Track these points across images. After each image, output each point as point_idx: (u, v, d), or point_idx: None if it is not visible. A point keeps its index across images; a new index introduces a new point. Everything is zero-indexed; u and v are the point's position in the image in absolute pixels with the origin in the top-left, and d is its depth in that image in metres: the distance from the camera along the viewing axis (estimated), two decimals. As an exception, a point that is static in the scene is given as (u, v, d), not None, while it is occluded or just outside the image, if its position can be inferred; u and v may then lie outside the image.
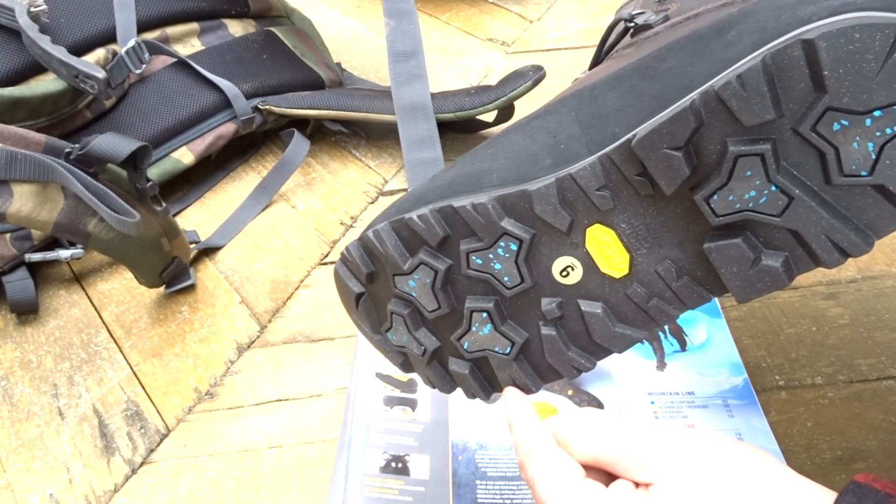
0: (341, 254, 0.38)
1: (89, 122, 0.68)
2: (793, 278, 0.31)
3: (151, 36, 0.72)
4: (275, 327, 0.60)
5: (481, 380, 0.38)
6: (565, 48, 0.91)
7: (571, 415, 0.33)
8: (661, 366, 0.54)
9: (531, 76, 0.70)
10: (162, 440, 0.53)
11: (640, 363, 0.54)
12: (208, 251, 0.67)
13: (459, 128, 0.77)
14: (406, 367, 0.39)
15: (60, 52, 0.60)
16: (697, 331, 0.56)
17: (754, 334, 0.56)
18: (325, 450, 0.51)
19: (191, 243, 0.65)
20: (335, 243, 0.67)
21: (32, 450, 0.53)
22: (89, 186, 0.50)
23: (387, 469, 0.48)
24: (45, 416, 0.55)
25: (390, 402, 0.52)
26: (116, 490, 0.50)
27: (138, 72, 0.69)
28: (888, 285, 0.58)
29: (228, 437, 0.53)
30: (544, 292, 0.34)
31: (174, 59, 0.73)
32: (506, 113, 0.75)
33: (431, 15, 0.99)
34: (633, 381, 0.53)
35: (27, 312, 0.62)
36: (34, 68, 0.64)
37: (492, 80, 0.85)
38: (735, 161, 0.29)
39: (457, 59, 0.91)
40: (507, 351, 0.36)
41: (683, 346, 0.55)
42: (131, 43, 0.68)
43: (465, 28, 0.96)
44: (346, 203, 0.71)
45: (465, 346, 0.36)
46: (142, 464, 0.52)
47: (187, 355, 0.58)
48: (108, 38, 0.70)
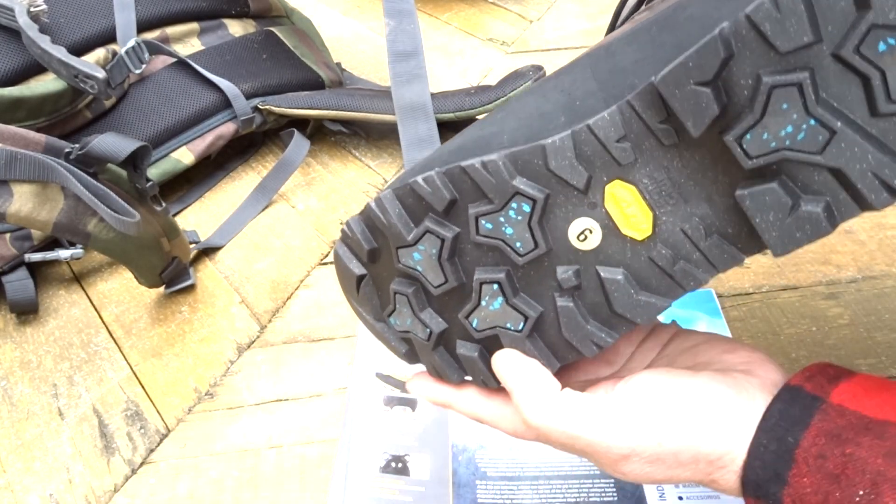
0: (341, 230, 0.36)
1: (89, 122, 0.68)
2: (835, 225, 0.28)
3: (151, 36, 0.72)
4: (275, 327, 0.60)
5: (489, 363, 0.35)
6: (565, 48, 0.91)
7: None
8: (661, 366, 0.54)
9: (531, 76, 0.70)
10: (162, 440, 0.53)
11: (640, 363, 0.54)
12: (208, 251, 0.67)
13: (459, 128, 0.77)
14: (411, 356, 0.37)
15: (60, 52, 0.60)
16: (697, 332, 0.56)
17: (754, 334, 0.56)
18: (325, 450, 0.51)
19: (191, 243, 0.65)
20: (335, 243, 0.67)
21: (32, 450, 0.53)
22: (89, 186, 0.50)
23: (387, 469, 0.48)
24: (45, 416, 0.55)
25: (390, 402, 0.52)
26: (116, 490, 0.50)
27: (138, 72, 0.69)
28: (888, 285, 0.58)
29: (228, 437, 0.53)
30: (560, 259, 0.32)
31: (174, 59, 0.73)
32: (506, 113, 0.75)
33: (431, 15, 0.99)
34: (633, 381, 0.53)
35: (27, 312, 0.62)
36: (34, 68, 0.64)
37: (492, 80, 0.85)
38: (769, 93, 0.26)
39: (457, 59, 0.91)
40: (519, 327, 0.33)
41: (683, 346, 0.55)
42: (131, 43, 0.68)
43: (465, 28, 0.96)
44: (346, 203, 0.71)
45: (474, 325, 0.34)
46: (142, 464, 0.52)
47: (187, 355, 0.58)
48: (108, 38, 0.70)
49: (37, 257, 0.62)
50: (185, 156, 0.71)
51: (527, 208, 0.31)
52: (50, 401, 0.56)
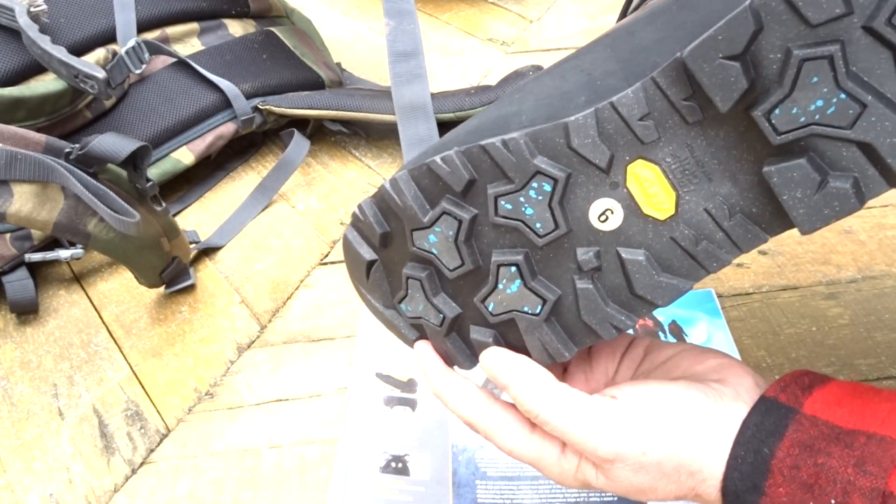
0: (353, 214, 0.35)
1: (89, 122, 0.68)
2: (864, 202, 0.28)
3: (151, 36, 0.72)
4: (275, 327, 0.60)
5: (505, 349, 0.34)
6: (565, 48, 0.91)
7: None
8: (661, 366, 0.54)
9: (531, 76, 0.70)
10: (162, 440, 0.53)
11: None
12: (208, 251, 0.67)
13: (459, 128, 0.77)
14: None
15: (60, 52, 0.60)
16: (697, 331, 0.56)
17: (754, 334, 0.56)
18: (325, 450, 0.51)
19: (191, 243, 0.65)
20: (335, 243, 0.67)
21: (32, 450, 0.53)
22: (89, 186, 0.50)
23: (387, 469, 0.48)
24: (45, 416, 0.55)
25: (390, 402, 0.52)
26: (116, 490, 0.50)
27: (138, 72, 0.69)
28: (888, 285, 0.58)
29: (228, 437, 0.53)
30: (580, 241, 0.31)
31: (174, 59, 0.73)
32: (506, 113, 0.75)
33: (431, 15, 0.99)
34: (633, 381, 0.53)
35: (27, 312, 0.62)
36: (34, 68, 0.64)
37: (492, 80, 0.85)
38: (800, 66, 0.26)
39: (457, 59, 0.91)
40: (537, 311, 0.32)
41: (683, 346, 0.55)
42: (131, 43, 0.68)
43: (465, 28, 0.96)
44: (346, 203, 0.71)
45: (490, 308, 0.33)
46: (142, 464, 0.52)
47: (187, 355, 0.58)
48: (108, 38, 0.70)
49: (37, 257, 0.62)
50: (185, 156, 0.71)
51: (548, 188, 0.30)
52: (50, 401, 0.56)
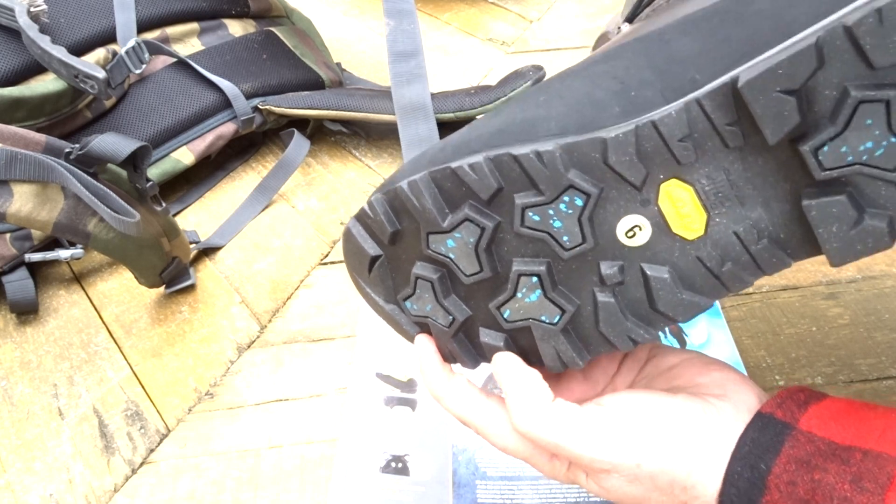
0: (361, 209, 0.34)
1: (89, 122, 0.68)
2: (895, 240, 0.28)
3: (151, 36, 0.72)
4: (275, 327, 0.60)
5: (514, 353, 0.34)
6: (565, 48, 0.91)
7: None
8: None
9: (531, 76, 0.70)
10: (162, 440, 0.53)
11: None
12: (208, 251, 0.67)
13: (459, 128, 0.77)
14: None
15: (60, 52, 0.60)
16: (697, 331, 0.56)
17: (754, 334, 0.56)
18: (325, 450, 0.51)
19: (191, 243, 0.65)
20: (335, 243, 0.67)
21: (32, 450, 0.53)
22: (89, 186, 0.50)
23: (387, 469, 0.48)
24: (45, 416, 0.55)
25: (390, 402, 0.52)
26: (116, 490, 0.50)
27: (138, 72, 0.69)
28: (888, 285, 0.58)
29: (228, 437, 0.53)
30: (605, 255, 0.31)
31: (174, 59, 0.73)
32: (506, 113, 0.75)
33: (431, 15, 0.99)
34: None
35: (27, 312, 0.62)
36: (34, 68, 0.64)
37: (492, 80, 0.85)
38: (855, 108, 0.26)
39: (457, 59, 0.91)
40: (555, 320, 0.32)
41: (683, 345, 0.55)
42: (131, 43, 0.68)
43: (465, 28, 0.96)
44: (346, 203, 0.71)
45: (506, 315, 0.33)
46: (142, 464, 0.52)
47: (187, 355, 0.58)
48: (108, 38, 0.70)
49: (37, 257, 0.62)
50: (185, 156, 0.71)
51: (579, 202, 0.30)
52: (50, 401, 0.56)
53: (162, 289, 0.63)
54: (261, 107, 0.74)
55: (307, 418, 0.53)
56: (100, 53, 0.68)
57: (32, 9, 0.64)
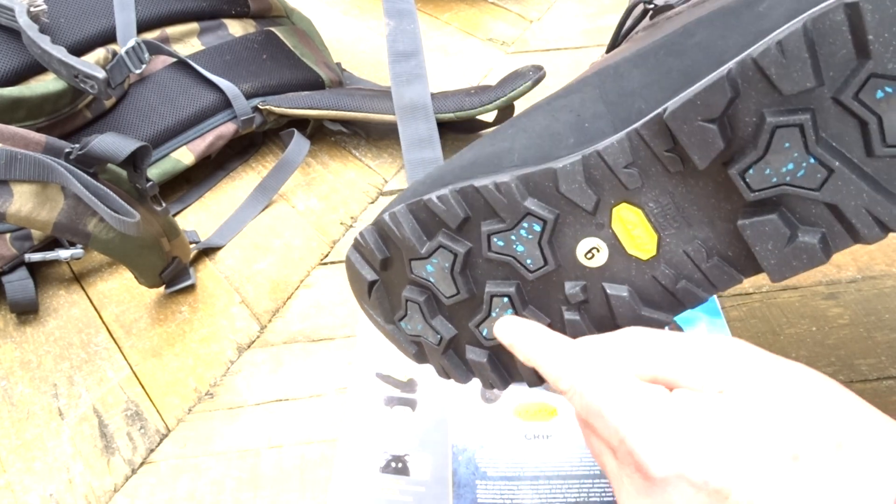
0: (354, 239, 0.37)
1: (89, 122, 0.68)
2: (830, 256, 0.30)
3: (151, 36, 0.72)
4: (275, 327, 0.60)
5: (500, 368, 0.36)
6: (565, 48, 0.91)
7: (623, 334, 0.31)
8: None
9: (531, 76, 0.70)
10: (162, 440, 0.53)
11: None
12: (208, 251, 0.67)
13: (459, 128, 0.77)
14: (420, 357, 0.38)
15: (60, 52, 0.60)
16: (697, 331, 0.56)
17: (754, 334, 0.56)
18: (325, 450, 0.51)
19: (191, 243, 0.65)
20: (335, 243, 0.67)
21: (32, 450, 0.53)
22: (89, 186, 0.50)
23: (387, 469, 0.48)
24: (45, 416, 0.55)
25: (390, 402, 0.52)
26: (116, 490, 0.50)
27: (138, 72, 0.69)
28: (888, 285, 0.58)
29: (228, 437, 0.53)
30: (568, 275, 0.33)
31: (174, 59, 0.73)
32: (506, 113, 0.75)
33: (431, 15, 0.99)
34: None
35: (27, 312, 0.62)
36: (34, 68, 0.64)
37: (492, 80, 0.85)
38: (773, 133, 0.28)
39: (457, 59, 0.91)
40: None
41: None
42: (131, 43, 0.68)
43: (465, 28, 0.96)
44: (346, 203, 0.71)
45: (484, 333, 0.35)
46: (142, 464, 0.52)
47: (187, 355, 0.58)
48: (108, 38, 0.70)
49: (37, 257, 0.62)
50: (185, 156, 0.71)
51: (537, 228, 0.32)
52: (50, 401, 0.56)
53: (162, 289, 0.63)
54: (261, 107, 0.74)
55: (307, 418, 0.53)
56: (100, 53, 0.68)
57: (32, 9, 0.64)
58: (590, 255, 0.33)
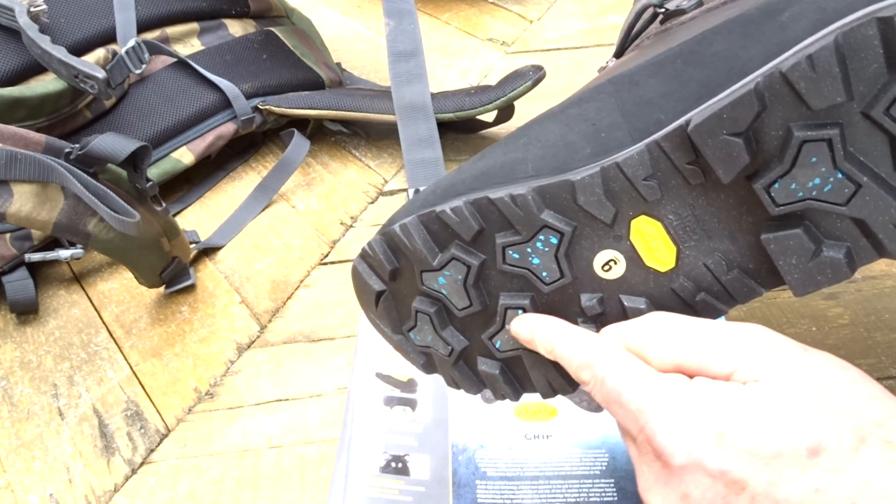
0: (362, 250, 0.36)
1: (89, 122, 0.68)
2: (855, 270, 0.29)
3: (151, 36, 0.72)
4: (275, 327, 0.60)
5: (511, 380, 0.36)
6: (565, 48, 0.91)
7: (648, 319, 0.31)
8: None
9: (531, 76, 0.70)
10: (162, 440, 0.53)
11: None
12: (208, 251, 0.67)
13: (459, 128, 0.77)
14: (428, 367, 0.38)
15: (60, 52, 0.60)
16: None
17: (754, 334, 0.56)
18: (325, 450, 0.51)
19: (191, 243, 0.65)
20: (335, 243, 0.68)
21: (32, 450, 0.53)
22: (89, 186, 0.50)
23: (387, 469, 0.48)
24: (45, 416, 0.55)
25: (390, 402, 0.52)
26: (116, 490, 0.50)
27: (138, 72, 0.69)
28: (888, 285, 0.58)
29: (228, 437, 0.53)
30: (584, 288, 0.33)
31: (174, 59, 0.73)
32: (506, 113, 0.75)
33: (431, 15, 0.99)
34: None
35: (27, 312, 0.62)
36: (34, 68, 0.64)
37: (492, 80, 0.85)
38: (800, 147, 0.27)
39: (457, 59, 0.91)
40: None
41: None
42: (131, 43, 0.68)
43: (465, 28, 0.96)
44: (346, 203, 0.71)
45: (498, 346, 0.35)
46: (142, 464, 0.52)
47: (187, 355, 0.58)
48: (108, 38, 0.70)
49: (37, 257, 0.62)
50: (185, 156, 0.71)
51: (554, 240, 0.32)
52: (50, 401, 0.56)
53: (162, 289, 0.63)
54: (261, 107, 0.74)
55: (307, 418, 0.53)
56: (100, 53, 0.68)
57: (32, 9, 0.64)
58: (607, 268, 0.32)
